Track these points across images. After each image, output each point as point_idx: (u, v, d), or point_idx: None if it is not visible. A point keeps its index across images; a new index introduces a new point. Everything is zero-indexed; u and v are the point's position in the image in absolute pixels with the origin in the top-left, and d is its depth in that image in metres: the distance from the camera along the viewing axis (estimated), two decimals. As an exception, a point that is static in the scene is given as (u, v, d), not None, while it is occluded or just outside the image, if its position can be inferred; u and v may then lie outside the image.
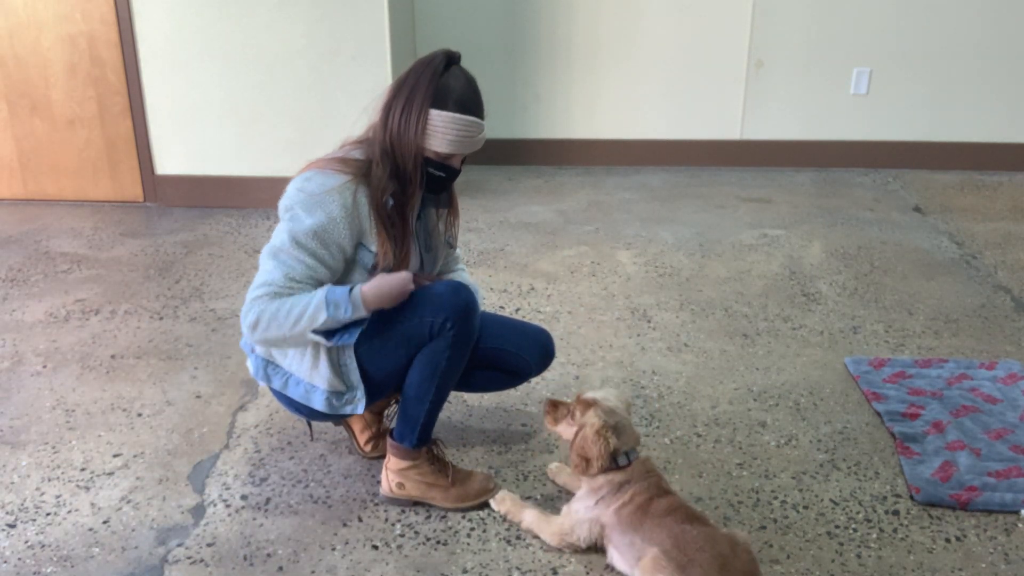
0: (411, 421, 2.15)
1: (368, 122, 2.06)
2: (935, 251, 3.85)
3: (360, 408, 2.08)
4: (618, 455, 1.98)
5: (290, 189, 1.99)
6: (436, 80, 1.94)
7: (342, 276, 2.02)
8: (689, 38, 4.82)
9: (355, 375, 2.04)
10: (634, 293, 3.44)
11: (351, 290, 1.93)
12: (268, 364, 2.10)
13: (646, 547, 1.85)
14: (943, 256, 3.79)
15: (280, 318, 1.91)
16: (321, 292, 1.93)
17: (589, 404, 2.01)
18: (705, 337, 3.09)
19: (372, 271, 2.03)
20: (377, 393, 2.11)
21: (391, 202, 1.99)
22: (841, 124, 4.94)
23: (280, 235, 1.95)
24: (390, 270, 2.02)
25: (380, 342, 2.03)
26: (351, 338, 1.99)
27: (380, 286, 1.96)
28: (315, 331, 1.93)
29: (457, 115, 1.94)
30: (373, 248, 2.00)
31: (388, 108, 1.99)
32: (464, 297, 2.04)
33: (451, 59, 1.99)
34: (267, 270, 1.95)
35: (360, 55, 4.12)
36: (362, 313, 1.94)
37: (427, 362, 2.06)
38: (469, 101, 1.97)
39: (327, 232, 1.94)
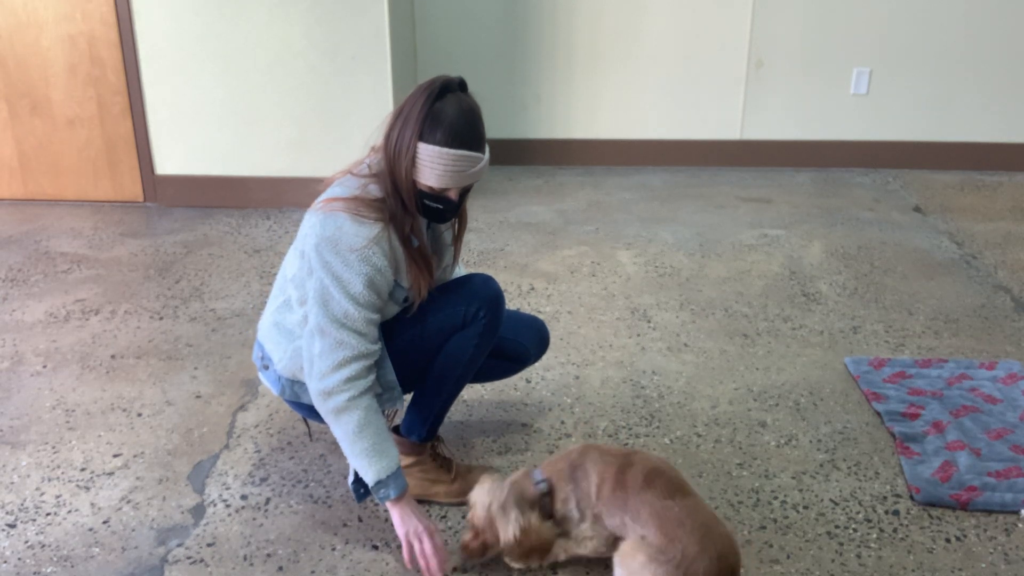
0: (423, 413, 2.17)
1: (375, 145, 1.99)
2: (935, 251, 3.85)
3: (400, 404, 2.09)
4: (539, 494, 1.93)
5: (321, 235, 1.90)
6: (426, 111, 1.84)
7: None
8: (689, 38, 4.82)
9: (391, 374, 2.04)
10: (634, 293, 3.44)
11: (403, 491, 1.97)
12: (295, 383, 2.08)
13: (636, 526, 1.83)
14: (943, 256, 3.79)
15: (351, 433, 1.93)
16: (391, 464, 1.95)
17: (490, 525, 1.93)
18: (705, 337, 3.09)
19: (405, 301, 2.03)
20: (406, 388, 2.12)
21: (416, 242, 1.98)
22: (841, 124, 4.94)
23: (338, 302, 1.89)
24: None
25: (412, 335, 2.04)
26: (359, 495, 2.05)
27: (410, 512, 1.99)
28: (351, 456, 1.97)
29: (445, 149, 1.83)
30: (404, 284, 2.00)
31: (387, 138, 1.91)
32: (494, 287, 2.09)
33: (447, 86, 1.88)
34: (343, 341, 1.90)
35: (360, 55, 4.12)
36: (385, 500, 1.98)
37: (454, 350, 2.07)
38: (461, 133, 1.84)
39: (376, 283, 1.91)
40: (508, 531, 1.90)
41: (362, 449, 1.93)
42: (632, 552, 1.79)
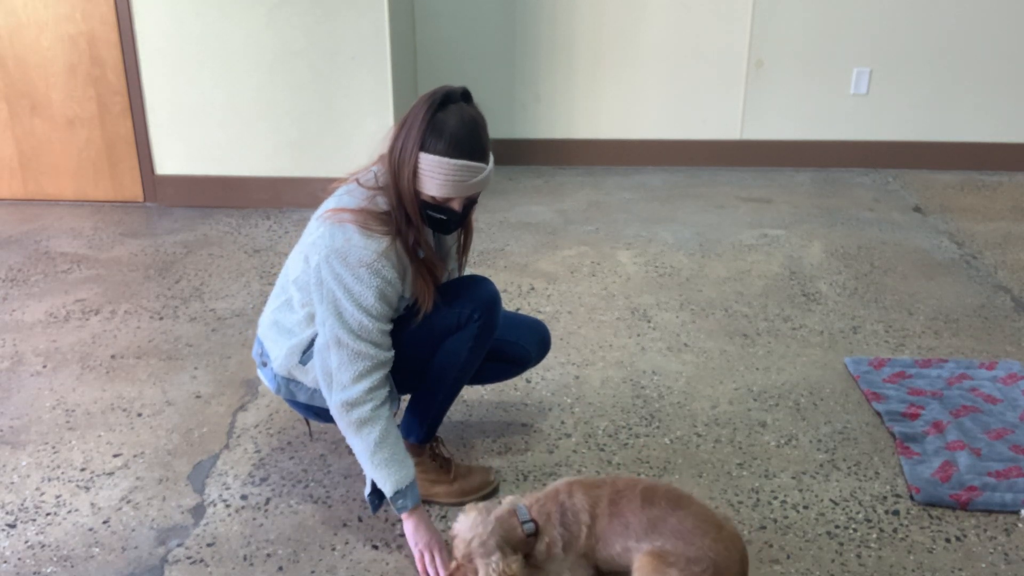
0: (421, 415, 2.18)
1: (383, 154, 1.98)
2: (935, 251, 3.85)
3: (397, 405, 2.09)
4: (524, 536, 1.85)
5: (331, 246, 1.90)
6: (428, 121, 1.84)
7: None
8: (689, 38, 4.82)
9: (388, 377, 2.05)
10: (634, 293, 3.44)
11: (418, 502, 1.98)
12: (290, 381, 2.09)
13: (643, 546, 1.81)
14: (943, 256, 3.79)
15: (373, 444, 1.93)
16: (408, 474, 1.95)
17: (469, 561, 1.86)
18: (705, 337, 3.09)
19: (409, 310, 2.03)
20: (401, 390, 2.12)
21: (422, 253, 1.98)
22: (841, 124, 4.94)
23: (352, 315, 1.89)
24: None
25: (407, 337, 2.04)
26: (374, 506, 2.03)
27: (423, 526, 1.99)
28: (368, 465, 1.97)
29: (445, 159, 1.84)
30: (406, 294, 2.00)
31: (391, 150, 1.92)
32: (490, 289, 2.09)
33: (449, 97, 1.88)
34: (361, 352, 1.91)
35: (360, 55, 4.12)
36: (402, 511, 1.99)
37: (449, 352, 2.08)
38: (462, 143, 1.84)
39: (387, 295, 1.93)
40: (489, 572, 1.84)
41: (382, 460, 1.93)
42: (660, 567, 1.75)
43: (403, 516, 2.00)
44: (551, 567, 1.90)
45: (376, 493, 2.00)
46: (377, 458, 1.93)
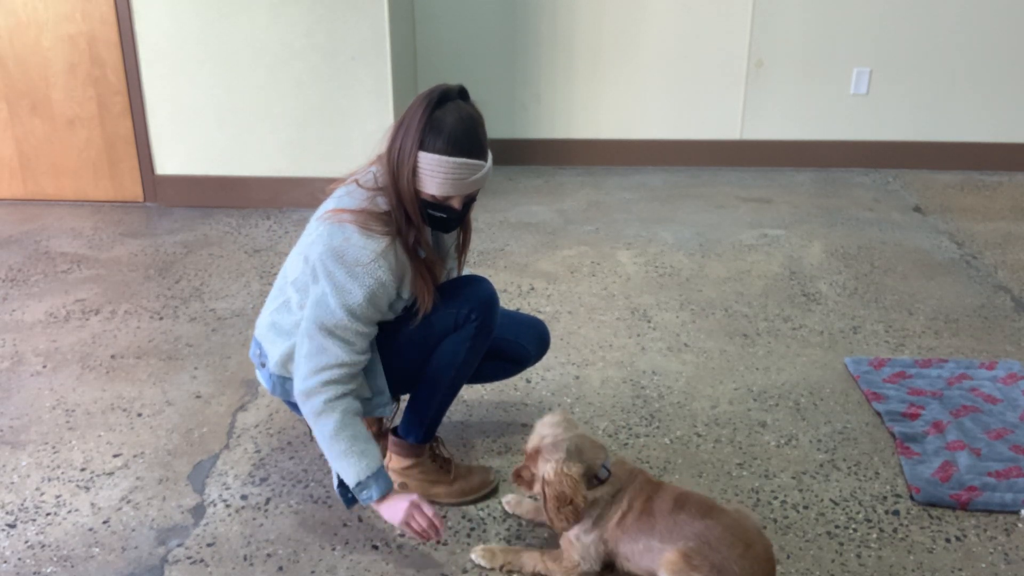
0: (420, 415, 2.17)
1: (381, 154, 1.97)
2: (935, 251, 3.85)
3: (388, 411, 2.10)
4: (596, 471, 1.91)
5: (328, 244, 1.90)
6: (426, 120, 1.84)
7: None
8: (689, 38, 4.82)
9: (381, 379, 2.05)
10: (634, 293, 3.44)
11: (386, 491, 1.95)
12: (286, 381, 2.09)
13: (666, 547, 1.82)
14: (943, 256, 3.79)
15: (328, 435, 1.92)
16: (370, 464, 1.93)
17: (535, 455, 1.92)
18: (705, 337, 3.09)
19: (407, 311, 2.03)
20: (399, 391, 2.12)
21: (423, 253, 1.98)
22: (841, 124, 4.94)
23: (332, 310, 1.89)
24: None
25: (405, 337, 2.04)
26: (346, 500, 2.00)
27: (394, 499, 1.96)
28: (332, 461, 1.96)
29: (444, 157, 1.84)
30: (405, 295, 2.00)
31: (389, 150, 1.91)
32: (487, 289, 2.09)
33: (446, 95, 1.88)
34: (327, 348, 1.91)
35: (360, 55, 4.12)
36: (368, 502, 1.96)
37: (447, 352, 2.07)
38: (461, 141, 1.84)
39: (377, 296, 1.92)
40: (547, 467, 1.88)
41: (340, 451, 1.93)
42: (687, 568, 1.77)
43: (374, 506, 1.97)
44: (568, 534, 1.93)
45: (344, 486, 1.99)
46: (335, 449, 1.93)
